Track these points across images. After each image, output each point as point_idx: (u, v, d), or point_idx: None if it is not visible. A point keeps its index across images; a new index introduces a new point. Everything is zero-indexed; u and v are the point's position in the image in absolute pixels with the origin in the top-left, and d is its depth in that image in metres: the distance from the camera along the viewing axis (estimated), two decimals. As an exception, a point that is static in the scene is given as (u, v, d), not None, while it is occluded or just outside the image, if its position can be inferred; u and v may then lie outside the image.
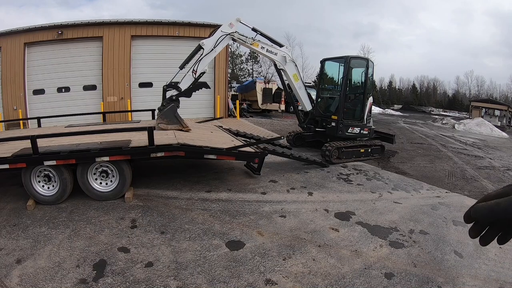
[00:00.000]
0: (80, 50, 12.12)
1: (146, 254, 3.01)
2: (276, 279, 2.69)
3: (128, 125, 6.45)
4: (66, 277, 2.62)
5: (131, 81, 12.58)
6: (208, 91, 10.16)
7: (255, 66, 37.21)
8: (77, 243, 3.17)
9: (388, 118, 23.52)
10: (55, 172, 4.02)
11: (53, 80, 12.04)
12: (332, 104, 7.79)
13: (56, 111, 10.55)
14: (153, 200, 4.30)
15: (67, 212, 3.87)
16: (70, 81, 12.18)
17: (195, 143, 4.47)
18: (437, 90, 48.63)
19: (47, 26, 11.74)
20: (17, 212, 3.85)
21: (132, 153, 4.11)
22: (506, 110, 23.97)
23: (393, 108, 39.61)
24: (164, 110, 5.61)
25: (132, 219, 3.73)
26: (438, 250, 3.38)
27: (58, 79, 12.07)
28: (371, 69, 7.44)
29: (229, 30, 6.16)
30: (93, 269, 2.75)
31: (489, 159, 8.98)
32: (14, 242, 3.18)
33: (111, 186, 4.24)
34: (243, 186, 4.99)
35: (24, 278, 2.61)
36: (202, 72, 5.94)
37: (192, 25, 12.98)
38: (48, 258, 2.89)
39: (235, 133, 6.65)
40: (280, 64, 6.79)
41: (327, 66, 8.19)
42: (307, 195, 4.79)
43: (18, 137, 4.35)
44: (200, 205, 4.19)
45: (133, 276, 2.67)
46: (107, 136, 4.54)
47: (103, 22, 12.22)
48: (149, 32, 12.64)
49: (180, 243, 3.24)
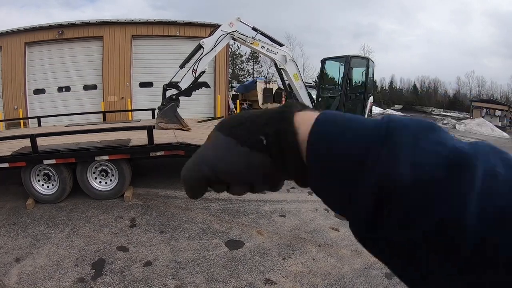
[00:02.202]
0: (81, 50, 12.12)
1: (145, 253, 3.00)
2: (276, 279, 2.68)
3: (128, 124, 6.45)
4: (65, 276, 2.62)
5: (132, 80, 12.57)
6: (208, 91, 10.16)
7: (255, 66, 37.20)
8: (76, 242, 3.17)
9: (389, 118, 23.47)
10: (55, 171, 4.01)
11: (53, 80, 12.04)
12: (332, 103, 7.77)
13: (56, 111, 10.54)
14: (153, 199, 4.30)
15: (67, 211, 3.87)
16: (70, 81, 12.18)
17: (195, 142, 4.46)
18: (438, 91, 48.53)
19: (48, 26, 11.75)
20: (16, 211, 3.85)
21: (132, 152, 4.11)
22: (507, 111, 23.89)
23: (394, 108, 39.53)
24: (164, 109, 5.60)
25: (131, 218, 3.73)
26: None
27: (58, 79, 12.06)
28: (371, 68, 7.43)
29: (229, 29, 6.15)
30: (92, 268, 2.74)
31: (490, 159, 8.96)
32: (13, 240, 3.18)
33: (111, 185, 4.23)
34: (243, 186, 4.97)
35: (23, 276, 2.61)
36: (202, 71, 5.93)
37: (192, 24, 12.97)
38: (47, 257, 2.89)
39: (235, 132, 6.61)
40: (280, 63, 6.77)
41: (327, 66, 8.19)
42: (307, 194, 4.77)
43: (18, 136, 4.35)
44: (200, 205, 4.18)
45: (131, 275, 2.66)
46: (107, 135, 4.53)
47: (103, 21, 12.23)
48: (149, 32, 12.64)
49: (179, 242, 3.23)
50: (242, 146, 0.36)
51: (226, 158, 0.37)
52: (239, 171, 0.37)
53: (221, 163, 0.37)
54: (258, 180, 0.38)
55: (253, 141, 0.36)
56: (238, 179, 0.38)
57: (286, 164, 0.35)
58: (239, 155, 0.36)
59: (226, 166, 0.37)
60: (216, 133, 0.40)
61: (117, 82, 12.32)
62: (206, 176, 0.38)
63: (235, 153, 0.37)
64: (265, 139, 0.36)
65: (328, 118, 0.34)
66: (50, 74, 11.98)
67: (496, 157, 0.28)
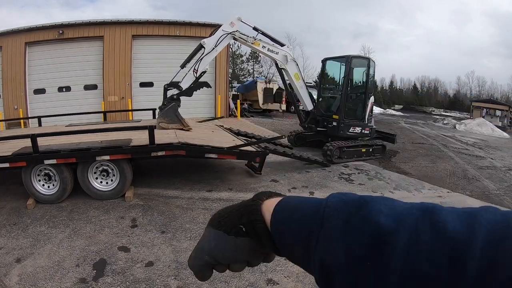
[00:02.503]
0: (81, 50, 12.11)
1: (147, 253, 2.99)
2: (278, 279, 2.67)
3: (128, 124, 6.44)
4: (66, 277, 2.60)
5: (132, 80, 12.56)
6: (209, 91, 10.16)
7: (255, 66, 37.19)
8: (77, 242, 3.15)
9: (389, 118, 23.47)
10: (55, 171, 4.00)
11: (54, 80, 12.03)
12: (333, 103, 7.77)
13: (57, 111, 10.53)
14: (154, 199, 4.28)
15: (67, 211, 3.85)
16: (71, 81, 12.17)
17: (196, 142, 4.45)
18: (438, 91, 48.49)
19: (48, 26, 11.74)
20: (17, 211, 3.84)
21: (133, 152, 4.09)
22: (507, 111, 23.87)
23: (394, 108, 39.52)
24: (165, 109, 5.59)
25: (132, 218, 3.71)
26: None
27: (59, 79, 12.06)
28: (372, 68, 7.41)
29: (230, 29, 6.14)
30: (93, 268, 2.73)
31: (490, 159, 8.94)
32: (14, 241, 3.17)
33: (112, 185, 4.22)
34: (244, 186, 4.96)
35: (23, 277, 2.59)
36: (203, 71, 5.92)
37: (193, 24, 12.96)
38: (48, 257, 2.87)
39: (236, 132, 6.62)
40: (281, 63, 6.76)
41: (328, 66, 8.17)
42: (309, 194, 4.76)
43: (19, 135, 4.34)
44: (201, 205, 4.17)
45: (133, 275, 2.65)
46: (108, 135, 4.52)
47: (103, 21, 12.21)
48: (149, 32, 12.63)
49: (181, 242, 3.21)
50: (229, 235, 0.46)
51: (219, 246, 0.46)
52: (232, 254, 0.46)
53: (216, 251, 0.47)
54: (250, 257, 0.48)
55: (236, 230, 0.46)
56: (233, 260, 0.47)
57: (263, 242, 0.44)
58: (229, 242, 0.46)
59: (221, 252, 0.46)
60: (208, 228, 0.49)
61: (117, 82, 12.32)
62: (208, 262, 0.47)
63: (226, 241, 0.46)
64: (243, 227, 0.45)
65: (282, 205, 0.43)
66: (50, 74, 11.97)
67: (426, 222, 0.31)
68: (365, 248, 0.32)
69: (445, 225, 0.30)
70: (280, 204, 0.43)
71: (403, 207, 0.34)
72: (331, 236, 0.35)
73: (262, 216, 0.44)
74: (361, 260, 0.31)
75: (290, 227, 0.40)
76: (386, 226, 0.32)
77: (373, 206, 0.35)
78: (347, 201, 0.37)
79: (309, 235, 0.37)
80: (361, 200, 0.37)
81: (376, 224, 0.32)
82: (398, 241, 0.30)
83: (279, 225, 0.42)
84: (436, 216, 0.31)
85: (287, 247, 0.42)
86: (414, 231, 0.31)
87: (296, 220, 0.40)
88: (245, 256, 0.47)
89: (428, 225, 0.30)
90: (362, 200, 0.36)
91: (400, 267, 0.29)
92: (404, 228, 0.31)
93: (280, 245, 0.43)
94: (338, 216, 0.36)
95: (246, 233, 0.45)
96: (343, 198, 0.38)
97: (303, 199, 0.43)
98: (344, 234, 0.34)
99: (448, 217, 0.31)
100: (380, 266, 0.30)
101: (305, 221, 0.39)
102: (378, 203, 0.35)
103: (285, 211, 0.42)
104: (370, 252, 0.31)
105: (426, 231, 0.30)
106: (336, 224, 0.35)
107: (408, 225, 0.31)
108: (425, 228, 0.30)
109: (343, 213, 0.35)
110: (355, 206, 0.36)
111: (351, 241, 0.33)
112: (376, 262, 0.31)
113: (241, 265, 0.48)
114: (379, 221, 0.32)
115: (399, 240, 0.30)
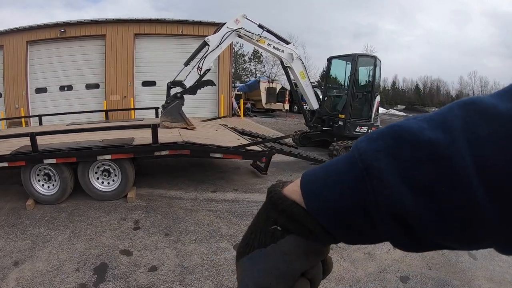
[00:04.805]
0: (83, 49, 12.05)
1: (150, 257, 2.87)
2: None
3: (131, 123, 6.34)
4: (65, 281, 2.49)
5: (134, 79, 12.49)
6: (212, 90, 10.06)
7: (258, 66, 37.11)
8: (77, 245, 3.04)
9: (392, 118, 23.34)
10: (55, 171, 3.89)
11: (55, 79, 11.98)
12: (339, 102, 7.64)
13: (58, 110, 10.45)
14: (157, 200, 4.17)
15: (68, 212, 3.75)
16: (72, 80, 12.12)
17: (201, 141, 4.34)
18: (440, 91, 48.36)
19: (50, 25, 11.68)
20: (16, 212, 3.74)
21: (135, 151, 3.98)
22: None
23: (397, 108, 39.40)
24: (168, 108, 5.48)
25: (134, 220, 3.60)
26: (452, 252, 3.22)
27: (60, 78, 12.01)
28: (378, 67, 7.28)
29: (235, 26, 6.02)
30: (94, 273, 2.61)
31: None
32: (12, 243, 3.07)
33: (113, 185, 4.11)
34: (250, 186, 4.84)
35: (21, 281, 2.49)
36: (207, 69, 5.81)
37: (195, 23, 12.88)
38: (47, 261, 2.76)
39: (240, 132, 6.51)
40: (286, 61, 6.66)
41: (334, 64, 8.05)
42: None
43: (18, 134, 4.24)
44: (206, 206, 4.05)
45: (136, 281, 2.52)
46: (109, 134, 4.42)
47: (106, 20, 12.15)
48: (152, 31, 12.55)
49: (186, 245, 3.09)
50: (266, 246, 0.35)
51: (264, 268, 0.35)
52: (283, 266, 0.34)
53: (263, 277, 0.34)
54: (305, 260, 0.35)
55: (271, 235, 0.35)
56: (286, 276, 0.35)
57: (310, 228, 0.34)
58: (271, 255, 0.35)
59: (269, 274, 0.34)
60: (239, 262, 0.37)
61: (119, 81, 12.24)
62: None
63: (267, 256, 0.35)
64: (277, 226, 0.35)
65: (308, 179, 0.35)
66: (52, 73, 11.92)
67: (474, 116, 0.27)
68: (431, 174, 0.27)
69: (495, 109, 0.26)
70: (305, 179, 0.35)
71: (441, 112, 0.29)
72: (388, 180, 0.28)
73: (291, 199, 0.35)
74: (434, 189, 0.26)
75: (330, 195, 0.32)
76: (439, 141, 0.27)
77: (411, 127, 0.29)
78: (378, 138, 0.30)
79: (359, 193, 0.30)
80: (393, 127, 0.30)
81: (428, 143, 0.27)
82: (461, 149, 0.26)
83: (316, 199, 0.33)
84: (481, 105, 0.27)
85: (338, 220, 0.32)
86: (469, 130, 0.26)
87: (334, 185, 0.32)
88: (300, 260, 0.35)
89: (477, 118, 0.26)
90: (395, 127, 0.30)
91: (477, 175, 0.25)
92: (458, 132, 0.26)
93: (329, 222, 0.33)
94: (379, 157, 0.29)
95: (284, 230, 0.34)
96: (370, 137, 0.31)
97: (325, 164, 0.35)
98: (400, 172, 0.28)
99: (492, 100, 0.27)
100: (457, 184, 0.26)
101: (345, 180, 0.31)
102: (413, 122, 0.29)
103: (316, 182, 0.34)
104: (440, 176, 0.26)
105: (482, 125, 0.26)
106: (385, 165, 0.28)
107: (459, 128, 0.27)
108: (477, 122, 0.26)
109: (384, 151, 0.29)
110: (391, 136, 0.29)
111: (412, 175, 0.27)
112: (450, 183, 0.26)
113: (302, 283, 0.36)
114: (430, 139, 0.27)
115: (462, 147, 0.26)
